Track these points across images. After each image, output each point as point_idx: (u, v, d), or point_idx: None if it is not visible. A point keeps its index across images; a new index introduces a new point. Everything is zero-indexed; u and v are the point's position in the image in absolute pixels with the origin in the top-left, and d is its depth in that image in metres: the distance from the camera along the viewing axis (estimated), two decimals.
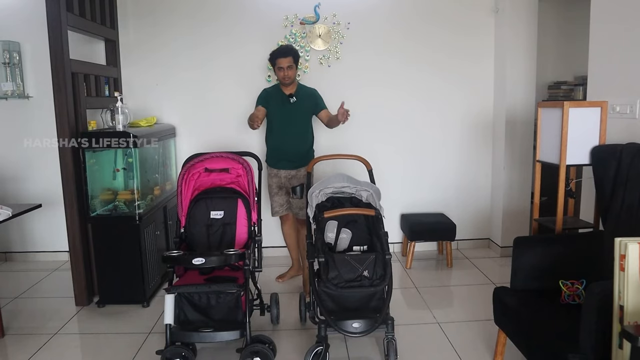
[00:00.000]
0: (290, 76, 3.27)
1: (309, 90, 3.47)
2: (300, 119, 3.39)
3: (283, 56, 3.23)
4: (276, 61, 3.25)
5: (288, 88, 3.36)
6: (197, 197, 2.76)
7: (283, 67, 3.24)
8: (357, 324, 2.28)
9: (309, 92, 3.45)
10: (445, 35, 4.02)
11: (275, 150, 3.43)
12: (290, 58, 3.25)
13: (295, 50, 3.33)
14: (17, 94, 3.88)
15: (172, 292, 2.37)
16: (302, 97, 3.37)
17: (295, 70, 3.33)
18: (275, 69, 3.32)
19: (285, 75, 3.26)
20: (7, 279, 3.80)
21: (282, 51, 3.27)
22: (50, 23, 2.97)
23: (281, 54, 3.25)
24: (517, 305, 2.19)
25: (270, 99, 3.38)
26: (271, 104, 3.37)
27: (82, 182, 3.15)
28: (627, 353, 1.55)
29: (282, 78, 3.27)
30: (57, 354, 2.66)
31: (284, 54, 3.24)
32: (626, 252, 1.57)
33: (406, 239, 4.06)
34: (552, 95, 4.41)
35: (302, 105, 3.36)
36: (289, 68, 3.25)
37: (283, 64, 3.23)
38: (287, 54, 3.25)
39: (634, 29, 2.63)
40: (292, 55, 3.26)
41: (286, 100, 3.34)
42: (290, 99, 3.32)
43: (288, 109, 3.35)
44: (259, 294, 2.81)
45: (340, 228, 2.73)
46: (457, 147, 4.18)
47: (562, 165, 2.54)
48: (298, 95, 3.35)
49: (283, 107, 3.35)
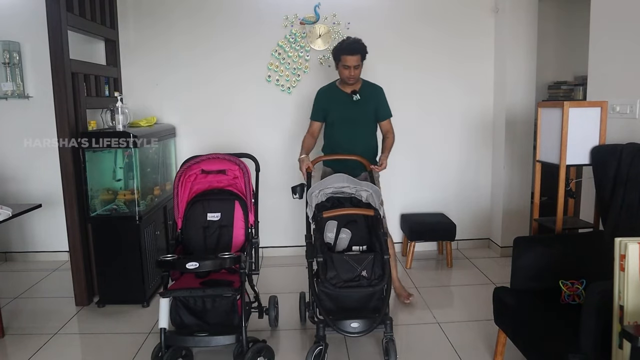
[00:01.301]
0: (356, 76, 2.93)
1: (374, 90, 3.08)
2: (363, 119, 3.04)
3: (350, 54, 2.85)
4: (341, 58, 2.88)
5: (349, 86, 3.01)
6: (194, 199, 2.74)
7: (349, 66, 2.88)
8: (355, 323, 2.28)
9: (374, 93, 3.06)
10: (445, 35, 4.02)
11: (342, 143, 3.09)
12: (359, 56, 2.88)
13: (363, 47, 2.92)
14: (17, 94, 3.88)
15: (166, 296, 2.35)
16: (367, 96, 3.02)
17: (360, 70, 2.95)
18: (338, 66, 2.95)
19: (350, 75, 2.91)
20: (7, 279, 3.80)
21: (350, 48, 2.87)
22: (50, 23, 2.97)
23: (348, 50, 2.86)
24: (517, 305, 2.19)
25: (329, 102, 3.06)
26: (331, 107, 3.05)
27: (82, 182, 3.15)
28: (627, 353, 1.55)
29: (347, 77, 2.92)
30: (57, 354, 2.66)
31: (351, 51, 2.85)
32: (626, 252, 1.57)
33: (406, 239, 4.05)
34: (552, 95, 4.41)
35: (365, 104, 3.01)
36: (355, 68, 2.89)
37: (350, 62, 2.87)
38: (355, 51, 2.86)
39: (634, 29, 2.63)
40: (361, 52, 2.89)
41: (348, 99, 3.00)
42: (353, 97, 2.98)
43: (351, 109, 3.01)
44: (257, 296, 2.80)
45: (339, 228, 2.73)
46: (457, 147, 4.18)
47: (562, 165, 2.54)
48: (362, 94, 3.01)
49: (345, 108, 3.01)
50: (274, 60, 3.97)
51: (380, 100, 3.06)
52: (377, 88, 3.09)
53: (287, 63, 3.98)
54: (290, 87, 4.02)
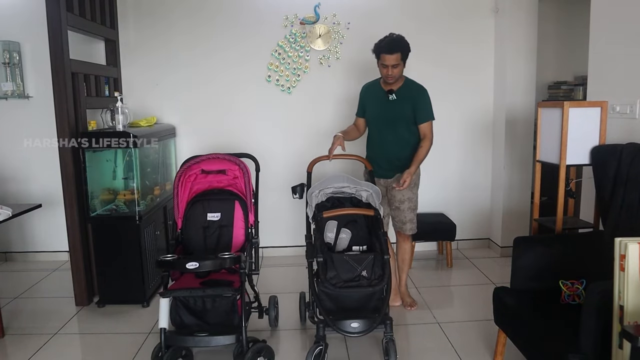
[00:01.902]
0: (394, 75, 2.79)
1: (414, 90, 2.91)
2: (399, 120, 2.89)
3: (389, 52, 2.72)
4: (380, 56, 2.76)
5: (389, 85, 2.89)
6: (194, 199, 2.74)
7: (388, 65, 2.75)
8: (355, 323, 2.28)
9: (413, 94, 2.89)
10: (445, 36, 4.02)
11: (372, 156, 3.04)
12: (398, 55, 2.73)
13: (404, 44, 2.77)
14: (17, 94, 3.88)
15: (166, 296, 2.35)
16: (404, 96, 2.87)
17: (403, 67, 2.81)
18: (378, 64, 2.83)
19: (389, 75, 2.78)
20: (7, 279, 3.80)
21: (389, 46, 2.73)
22: (50, 23, 2.97)
23: (387, 49, 2.72)
24: (517, 305, 2.19)
25: (368, 99, 2.99)
26: (368, 103, 2.98)
27: (82, 182, 3.15)
28: (627, 353, 1.55)
29: (385, 77, 2.81)
30: (57, 354, 2.66)
31: (391, 50, 2.72)
32: (626, 252, 1.57)
33: None
34: (552, 95, 4.41)
35: (401, 104, 2.87)
36: (394, 67, 2.76)
37: (388, 61, 2.74)
38: (394, 50, 2.72)
39: (633, 29, 2.63)
40: (401, 51, 2.74)
41: (385, 97, 2.89)
42: (389, 96, 2.87)
43: (386, 108, 2.90)
44: (257, 296, 2.80)
45: (340, 228, 2.73)
46: (457, 147, 4.18)
47: (562, 165, 2.54)
48: (400, 94, 2.87)
49: (380, 106, 2.92)
50: (274, 60, 3.97)
51: (418, 101, 2.87)
52: (418, 88, 2.91)
53: (287, 63, 3.98)
54: (290, 87, 4.02)
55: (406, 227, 3.02)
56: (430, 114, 2.89)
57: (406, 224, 3.02)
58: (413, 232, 3.07)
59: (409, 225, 3.03)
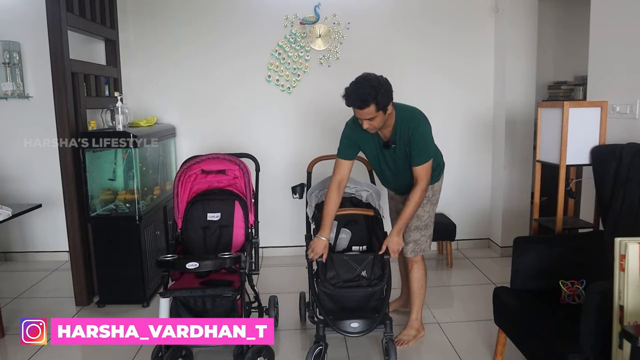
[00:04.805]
0: (375, 127, 2.34)
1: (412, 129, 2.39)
2: (405, 160, 2.48)
3: (359, 107, 2.24)
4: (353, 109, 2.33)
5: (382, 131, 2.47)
6: (194, 199, 2.74)
7: (362, 120, 2.32)
8: (355, 323, 2.28)
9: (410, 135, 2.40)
10: (445, 36, 4.01)
11: (379, 180, 2.76)
12: (372, 108, 2.23)
13: (376, 92, 2.21)
14: (17, 94, 3.88)
15: (166, 296, 2.35)
16: (402, 140, 2.43)
17: (383, 116, 2.31)
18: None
19: (368, 128, 2.34)
20: (7, 279, 3.80)
21: (357, 100, 2.23)
22: (50, 23, 2.97)
23: (356, 103, 2.24)
24: (517, 305, 2.19)
25: (362, 141, 2.52)
26: (365, 147, 2.55)
27: (82, 182, 3.15)
28: (627, 353, 1.55)
29: (366, 129, 2.36)
30: (57, 354, 2.66)
31: (360, 105, 2.23)
32: (626, 252, 1.57)
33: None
34: (552, 95, 4.41)
35: (402, 148, 2.45)
36: (371, 120, 2.30)
37: (362, 116, 2.28)
38: (364, 104, 2.22)
39: (634, 28, 2.63)
40: (374, 102, 2.22)
41: (380, 145, 2.51)
42: (389, 147, 2.47)
43: (385, 155, 2.52)
44: (257, 296, 2.80)
45: (339, 228, 2.73)
46: (457, 147, 4.17)
47: (562, 165, 2.54)
48: (396, 138, 2.44)
49: (380, 152, 2.53)
50: (274, 60, 3.97)
51: (413, 143, 2.40)
52: (414, 127, 2.39)
53: (287, 63, 3.98)
54: (290, 87, 4.01)
55: (407, 247, 2.63)
56: (426, 155, 2.43)
57: (409, 244, 2.63)
58: (414, 255, 2.66)
59: (410, 247, 2.64)
